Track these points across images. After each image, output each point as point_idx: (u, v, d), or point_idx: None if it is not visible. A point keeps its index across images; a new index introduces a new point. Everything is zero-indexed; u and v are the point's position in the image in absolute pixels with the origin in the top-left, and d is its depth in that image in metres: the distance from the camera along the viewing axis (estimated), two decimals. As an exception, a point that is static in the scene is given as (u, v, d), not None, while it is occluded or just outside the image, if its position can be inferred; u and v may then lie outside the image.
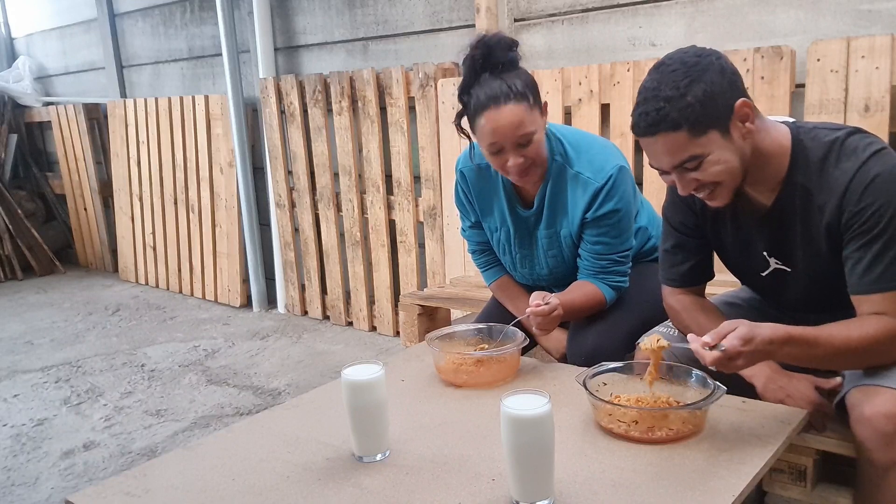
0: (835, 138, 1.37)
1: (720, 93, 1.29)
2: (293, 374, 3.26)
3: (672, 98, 1.28)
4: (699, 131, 1.30)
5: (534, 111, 1.66)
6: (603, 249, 1.79)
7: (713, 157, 1.33)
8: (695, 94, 1.28)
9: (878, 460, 1.28)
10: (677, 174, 1.37)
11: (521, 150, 1.67)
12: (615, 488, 1.15)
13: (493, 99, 1.62)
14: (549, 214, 1.84)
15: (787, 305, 1.63)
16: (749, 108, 1.33)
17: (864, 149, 1.33)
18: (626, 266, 1.83)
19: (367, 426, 1.30)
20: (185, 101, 4.48)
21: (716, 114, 1.30)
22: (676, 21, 2.57)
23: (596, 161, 1.76)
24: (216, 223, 4.45)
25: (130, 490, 1.25)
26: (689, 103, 1.28)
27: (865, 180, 1.31)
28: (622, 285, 1.82)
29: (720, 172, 1.35)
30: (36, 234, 5.56)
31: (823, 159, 1.37)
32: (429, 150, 3.31)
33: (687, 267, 1.62)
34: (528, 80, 1.67)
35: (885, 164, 1.31)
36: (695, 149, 1.31)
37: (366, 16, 3.56)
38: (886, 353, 1.33)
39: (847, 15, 2.25)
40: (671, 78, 1.29)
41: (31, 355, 3.74)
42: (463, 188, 1.95)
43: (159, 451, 2.56)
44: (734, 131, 1.33)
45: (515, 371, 1.63)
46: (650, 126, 1.31)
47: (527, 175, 1.72)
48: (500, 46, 1.65)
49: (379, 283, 3.68)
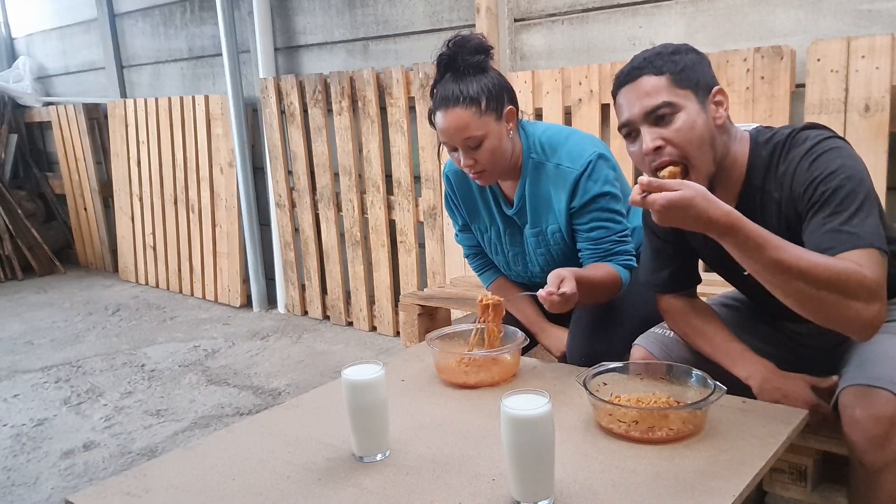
0: (784, 134, 1.39)
1: (702, 69, 1.38)
2: (293, 374, 3.26)
3: (662, 53, 1.37)
4: (679, 83, 1.35)
5: (485, 117, 1.68)
6: (600, 234, 1.78)
7: (685, 115, 1.35)
8: (682, 56, 1.37)
9: (869, 462, 1.28)
10: (647, 127, 1.36)
11: (472, 152, 1.70)
12: (615, 488, 1.15)
13: (445, 100, 1.68)
14: (533, 213, 1.84)
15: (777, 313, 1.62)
16: (724, 97, 1.39)
17: (812, 138, 1.35)
18: (630, 245, 1.80)
19: (367, 426, 1.30)
20: (185, 101, 4.48)
21: (696, 82, 1.37)
22: (676, 21, 2.57)
23: (574, 150, 1.78)
24: (216, 223, 4.45)
25: (130, 490, 1.25)
26: (677, 60, 1.36)
27: (811, 159, 1.32)
28: (632, 264, 1.79)
29: (690, 135, 1.34)
30: (36, 234, 5.56)
31: (776, 157, 1.39)
32: (429, 150, 3.31)
33: (668, 273, 1.61)
34: (490, 85, 1.69)
35: (831, 145, 1.32)
36: (672, 96, 1.35)
37: (366, 16, 3.56)
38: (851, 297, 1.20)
39: (847, 15, 2.25)
40: (662, 46, 1.41)
41: (31, 355, 3.74)
42: (449, 192, 1.98)
43: (159, 451, 2.56)
44: (709, 109, 1.38)
45: (515, 371, 1.63)
46: (634, 69, 1.38)
47: (481, 178, 1.76)
48: (466, 49, 1.68)
49: (379, 283, 3.68)
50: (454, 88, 1.67)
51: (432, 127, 1.76)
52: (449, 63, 1.70)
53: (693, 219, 1.22)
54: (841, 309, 1.22)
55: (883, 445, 1.26)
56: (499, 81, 1.72)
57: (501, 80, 1.73)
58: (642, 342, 1.65)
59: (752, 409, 1.37)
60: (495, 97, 1.69)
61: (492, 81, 1.70)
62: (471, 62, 1.68)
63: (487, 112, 1.68)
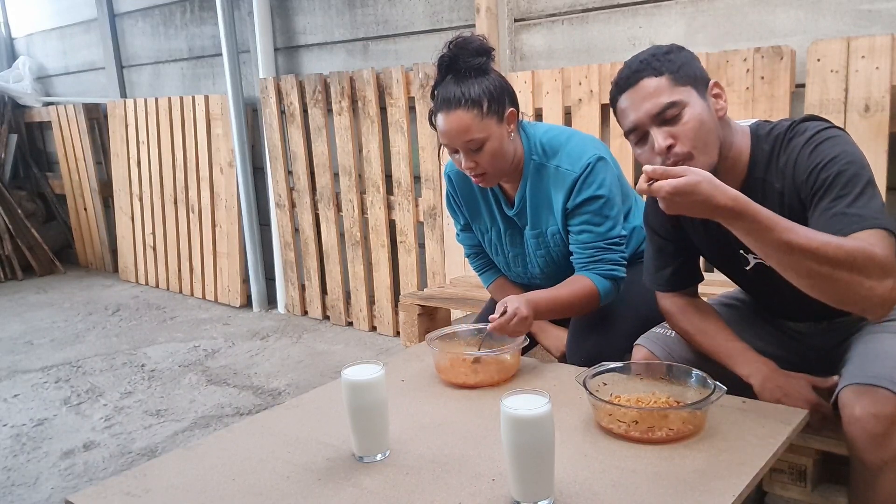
0: (786, 126, 1.40)
1: (696, 65, 1.41)
2: (293, 374, 3.26)
3: (656, 54, 1.39)
4: (680, 81, 1.36)
5: (487, 119, 1.67)
6: (588, 238, 1.77)
7: (692, 110, 1.36)
8: (676, 55, 1.39)
9: (869, 461, 1.28)
10: (656, 128, 1.36)
11: (473, 155, 1.70)
12: (615, 488, 1.15)
13: (446, 102, 1.68)
14: (533, 214, 1.84)
15: (778, 312, 1.63)
16: (721, 90, 1.41)
17: (812, 128, 1.37)
18: (618, 254, 1.79)
19: (367, 426, 1.30)
20: (185, 101, 4.48)
21: (694, 77, 1.39)
22: (676, 21, 2.57)
23: (574, 153, 1.78)
24: (216, 223, 4.45)
25: (130, 490, 1.25)
26: (672, 59, 1.38)
27: (810, 148, 1.34)
28: (616, 273, 1.77)
29: (699, 129, 1.35)
30: (36, 234, 5.56)
31: (777, 149, 1.40)
32: (429, 151, 3.31)
33: (670, 271, 1.62)
34: (491, 87, 1.68)
35: (830, 135, 1.34)
36: (676, 95, 1.35)
37: (366, 16, 3.56)
38: (863, 275, 1.20)
39: (847, 15, 2.25)
40: (654, 47, 1.42)
41: (31, 355, 3.74)
42: (451, 192, 1.98)
43: (159, 451, 2.56)
44: (710, 101, 1.40)
45: (515, 371, 1.63)
46: (634, 73, 1.39)
47: (482, 180, 1.76)
48: (467, 51, 1.68)
49: (379, 283, 3.68)
50: (456, 90, 1.67)
51: (433, 128, 1.76)
52: (450, 65, 1.69)
53: (700, 204, 1.21)
54: (854, 286, 1.21)
55: (883, 444, 1.26)
56: (500, 83, 1.71)
57: (503, 83, 1.72)
58: (644, 342, 1.65)
59: (752, 409, 1.37)
60: (497, 99, 1.69)
61: (493, 83, 1.69)
62: (472, 64, 1.68)
63: (489, 114, 1.68)
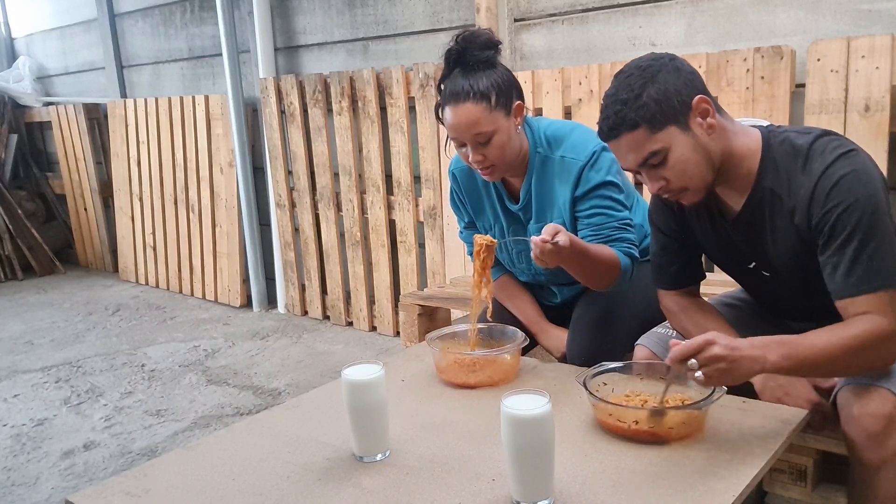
0: (803, 142, 1.37)
1: (675, 91, 1.33)
2: (293, 374, 3.26)
3: (628, 100, 1.33)
4: (657, 127, 1.33)
5: (496, 112, 1.67)
6: (600, 220, 1.75)
7: (676, 153, 1.35)
8: (649, 94, 1.32)
9: (868, 460, 1.29)
10: (645, 172, 1.39)
11: (481, 148, 1.69)
12: (615, 488, 1.15)
13: (455, 95, 1.67)
14: (538, 208, 1.84)
15: (779, 312, 1.63)
16: (707, 103, 1.36)
17: (831, 151, 1.33)
18: (631, 235, 1.77)
19: (367, 426, 1.30)
20: (185, 101, 4.48)
21: (672, 110, 1.34)
22: (676, 21, 2.57)
23: (578, 143, 1.77)
24: (216, 223, 4.45)
25: (130, 490, 1.25)
26: (645, 103, 1.32)
27: (830, 182, 1.30)
28: (633, 252, 1.75)
29: (685, 168, 1.36)
30: (36, 234, 5.56)
31: (792, 164, 1.37)
32: (429, 150, 3.31)
33: (675, 269, 1.62)
34: (500, 80, 1.68)
35: (851, 165, 1.31)
36: (655, 144, 1.34)
37: (366, 16, 3.56)
38: (877, 354, 1.29)
39: (847, 15, 2.25)
40: (627, 83, 1.35)
41: (31, 355, 3.74)
42: (455, 189, 1.98)
43: (159, 451, 2.57)
44: (695, 127, 1.36)
45: (515, 371, 1.63)
46: (612, 129, 1.36)
47: (490, 173, 1.76)
48: (475, 45, 1.68)
49: (379, 283, 3.68)
50: (464, 83, 1.66)
51: (439, 122, 1.75)
52: (458, 58, 1.68)
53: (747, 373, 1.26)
54: (869, 365, 1.31)
55: (881, 442, 1.27)
56: (507, 77, 1.71)
57: (510, 76, 1.72)
58: (645, 342, 1.65)
59: (752, 409, 1.37)
60: (505, 92, 1.68)
61: (501, 77, 1.69)
62: (480, 57, 1.67)
63: (497, 107, 1.67)
